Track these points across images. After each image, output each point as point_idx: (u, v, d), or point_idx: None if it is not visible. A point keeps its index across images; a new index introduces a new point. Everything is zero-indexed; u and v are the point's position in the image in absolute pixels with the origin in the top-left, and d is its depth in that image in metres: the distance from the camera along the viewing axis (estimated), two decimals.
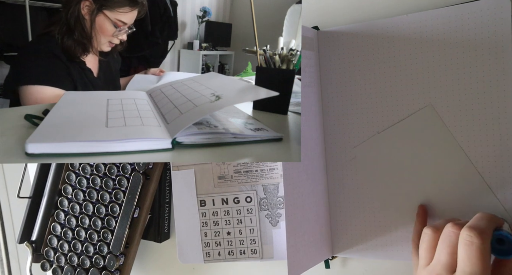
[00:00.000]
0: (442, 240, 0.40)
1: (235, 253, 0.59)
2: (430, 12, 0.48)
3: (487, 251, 0.37)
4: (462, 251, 0.37)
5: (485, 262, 0.36)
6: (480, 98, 0.46)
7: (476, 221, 0.39)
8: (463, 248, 0.37)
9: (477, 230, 0.37)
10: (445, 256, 0.39)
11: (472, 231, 0.37)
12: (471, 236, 0.37)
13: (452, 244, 0.39)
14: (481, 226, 0.38)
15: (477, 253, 0.36)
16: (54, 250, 0.68)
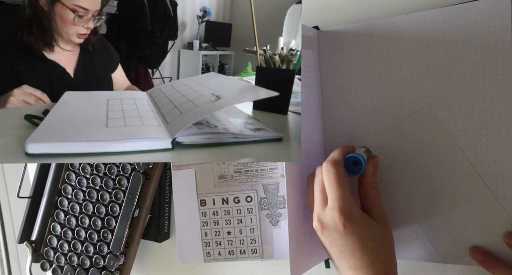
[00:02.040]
0: (315, 182, 0.46)
1: (235, 252, 0.59)
2: (430, 12, 0.48)
3: (342, 174, 0.43)
4: (326, 182, 0.44)
5: (342, 184, 0.43)
6: (480, 97, 0.46)
7: (331, 155, 0.46)
8: (325, 179, 0.44)
9: (331, 160, 0.44)
10: (318, 194, 0.45)
11: (327, 162, 0.44)
12: (327, 166, 0.44)
13: (321, 181, 0.45)
14: (334, 156, 0.45)
15: (334, 178, 0.43)
16: (54, 250, 0.68)
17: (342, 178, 0.43)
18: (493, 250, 0.46)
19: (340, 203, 0.42)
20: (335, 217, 0.42)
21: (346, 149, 0.46)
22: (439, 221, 0.48)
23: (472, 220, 0.47)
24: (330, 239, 0.43)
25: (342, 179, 0.43)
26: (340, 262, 0.43)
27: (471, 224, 0.47)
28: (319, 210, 0.44)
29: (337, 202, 0.42)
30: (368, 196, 0.46)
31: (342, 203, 0.42)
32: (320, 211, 0.44)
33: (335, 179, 0.43)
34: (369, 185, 0.46)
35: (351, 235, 0.42)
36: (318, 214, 0.44)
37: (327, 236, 0.43)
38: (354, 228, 0.42)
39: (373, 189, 0.46)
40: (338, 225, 0.42)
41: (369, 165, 0.46)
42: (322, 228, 0.43)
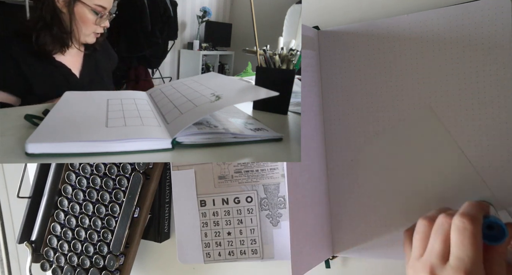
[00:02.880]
0: (436, 230, 0.41)
1: (235, 253, 0.59)
2: (430, 12, 0.48)
3: (479, 236, 0.38)
4: (455, 237, 0.38)
5: (477, 246, 0.37)
6: (480, 97, 0.46)
7: (468, 208, 0.40)
8: (456, 234, 0.38)
9: (469, 216, 0.38)
10: (438, 244, 0.39)
11: (465, 217, 0.38)
12: (464, 222, 0.38)
13: (445, 232, 0.39)
14: (472, 212, 0.39)
15: (469, 238, 0.37)
16: (54, 250, 0.68)
17: (478, 241, 0.37)
18: None
19: (468, 266, 0.37)
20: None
21: (484, 207, 0.41)
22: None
23: None
24: None
25: (478, 241, 0.37)
26: None
27: None
28: (436, 263, 0.39)
29: (464, 264, 0.37)
30: (494, 268, 0.39)
31: (471, 267, 0.37)
32: (436, 264, 0.39)
33: (470, 239, 0.37)
34: (500, 255, 0.40)
35: None
36: (432, 267, 0.39)
37: None
38: None
39: (502, 261, 0.40)
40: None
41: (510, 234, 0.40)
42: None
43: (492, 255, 0.40)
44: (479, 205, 0.41)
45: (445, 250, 0.39)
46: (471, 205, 0.41)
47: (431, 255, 0.40)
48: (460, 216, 0.38)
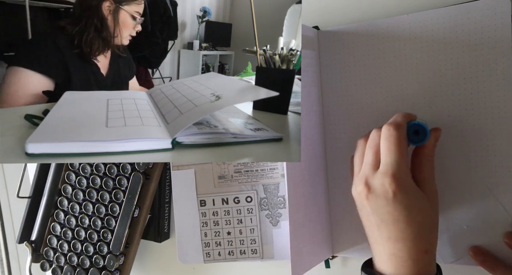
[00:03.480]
0: (368, 144, 0.43)
1: (235, 253, 0.59)
2: (430, 12, 0.48)
3: (403, 140, 0.41)
4: (383, 145, 0.41)
5: (401, 150, 0.40)
6: (480, 97, 0.46)
7: (393, 118, 0.43)
8: (383, 142, 0.41)
9: (394, 124, 0.41)
10: (370, 156, 0.42)
11: (390, 125, 0.41)
12: (389, 129, 0.41)
13: (376, 144, 0.42)
14: (397, 120, 0.42)
15: (394, 143, 0.40)
16: (53, 250, 0.68)
17: (402, 144, 0.40)
18: (493, 250, 0.46)
19: (395, 169, 0.40)
20: (385, 183, 0.40)
21: (409, 116, 0.43)
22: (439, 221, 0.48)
23: (472, 220, 0.47)
24: (374, 205, 0.41)
25: (402, 145, 0.40)
26: (378, 231, 0.41)
27: (471, 224, 0.47)
28: (368, 173, 0.42)
29: (391, 167, 0.40)
30: (422, 169, 0.43)
31: (397, 169, 0.39)
32: (369, 174, 0.41)
33: (395, 144, 0.40)
34: (426, 157, 0.43)
35: (399, 204, 0.39)
36: (366, 177, 0.42)
37: (372, 202, 0.41)
38: (403, 197, 0.39)
39: (429, 163, 0.43)
40: (387, 192, 0.40)
41: (432, 136, 0.43)
42: (368, 192, 0.41)
43: (420, 159, 0.43)
44: (405, 114, 0.43)
45: (376, 160, 0.42)
46: (397, 115, 0.43)
47: (365, 168, 0.43)
48: (386, 125, 0.41)
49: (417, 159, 0.43)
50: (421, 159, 0.43)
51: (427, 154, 0.43)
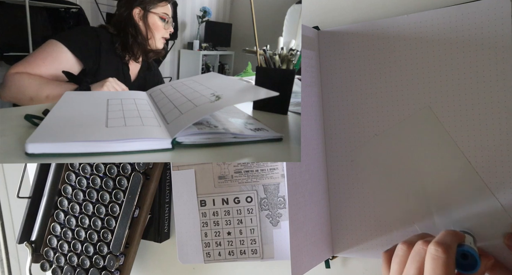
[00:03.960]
0: (412, 256, 0.41)
1: (235, 253, 0.59)
2: (430, 12, 0.48)
3: (452, 265, 0.38)
4: (428, 265, 0.39)
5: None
6: (480, 98, 0.46)
7: (442, 237, 0.41)
8: (429, 262, 0.39)
9: (443, 245, 0.39)
10: (413, 270, 0.40)
11: (439, 246, 0.39)
12: (437, 251, 0.39)
13: (421, 259, 0.40)
14: (447, 241, 0.40)
15: (442, 266, 0.38)
16: (53, 250, 0.68)
17: (451, 269, 0.38)
18: (492, 251, 0.46)
19: None
20: None
21: (458, 237, 0.42)
22: (439, 221, 0.48)
23: (472, 220, 0.47)
24: None
25: (450, 271, 0.38)
26: None
27: (471, 225, 0.47)
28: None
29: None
30: None
31: None
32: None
33: (442, 268, 0.38)
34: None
35: None
36: None
37: None
38: None
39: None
40: None
41: (482, 265, 0.41)
42: None
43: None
44: (455, 234, 0.41)
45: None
46: (447, 233, 0.41)
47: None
48: (434, 245, 0.39)
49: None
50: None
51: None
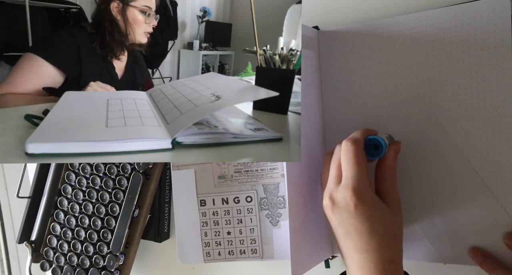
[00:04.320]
0: (332, 159, 0.45)
1: (235, 252, 0.59)
2: (430, 12, 0.48)
3: (361, 153, 0.42)
4: (343, 160, 0.43)
5: (360, 164, 0.42)
6: (480, 98, 0.46)
7: (352, 134, 0.45)
8: (343, 157, 0.43)
9: (351, 139, 0.43)
10: (333, 171, 0.44)
11: (348, 140, 0.43)
12: (347, 145, 0.43)
13: (338, 158, 0.44)
14: (355, 135, 0.44)
15: (352, 157, 0.42)
16: (53, 250, 0.68)
17: (360, 158, 0.42)
18: (492, 251, 0.46)
19: (354, 182, 0.41)
20: (347, 196, 0.41)
21: (368, 131, 0.45)
22: (439, 221, 0.48)
23: (472, 220, 0.47)
24: (339, 217, 0.42)
25: (360, 159, 0.42)
26: (345, 243, 0.42)
27: (471, 225, 0.47)
28: (332, 187, 0.43)
29: (351, 180, 0.41)
30: (384, 181, 0.45)
31: (356, 182, 0.41)
32: (332, 188, 0.43)
33: (353, 158, 0.42)
34: (387, 169, 0.45)
35: (361, 216, 0.41)
36: (330, 191, 0.43)
37: (337, 215, 0.42)
38: (365, 209, 0.41)
39: (390, 175, 0.45)
40: (349, 204, 0.41)
41: (391, 149, 0.45)
42: (332, 205, 0.43)
43: (382, 172, 0.45)
44: (364, 130, 0.45)
45: (339, 174, 0.44)
46: (357, 131, 0.45)
47: (330, 182, 0.44)
48: (344, 141, 0.43)
49: (379, 171, 0.45)
50: (383, 172, 0.45)
51: (388, 167, 0.45)
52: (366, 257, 0.41)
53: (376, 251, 0.41)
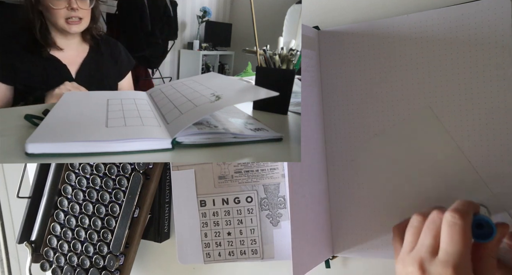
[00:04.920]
0: (427, 225, 0.41)
1: (235, 253, 0.59)
2: (430, 12, 0.48)
3: (469, 231, 0.39)
4: (445, 232, 0.39)
5: (466, 241, 0.38)
6: (480, 98, 0.46)
7: (459, 205, 0.41)
8: (446, 229, 0.39)
9: (460, 212, 0.39)
10: (429, 239, 0.40)
11: (456, 212, 0.39)
12: (454, 217, 0.39)
13: (437, 227, 0.40)
14: (463, 209, 0.40)
15: (459, 233, 0.38)
16: (53, 250, 0.68)
17: (467, 236, 0.38)
18: None
19: (456, 261, 0.37)
20: (444, 273, 0.37)
21: (474, 206, 0.41)
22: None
23: None
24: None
25: (467, 237, 0.38)
26: None
27: None
28: (425, 257, 0.39)
29: (453, 258, 0.37)
30: (482, 265, 0.40)
31: (459, 262, 0.37)
32: (426, 258, 0.39)
33: (460, 234, 0.38)
34: (489, 253, 0.40)
35: None
36: (422, 260, 0.39)
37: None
38: None
39: (491, 259, 0.41)
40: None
41: (499, 233, 0.41)
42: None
43: (482, 253, 0.41)
44: (470, 203, 0.41)
45: (435, 245, 0.40)
46: (463, 202, 0.41)
47: (421, 249, 0.40)
48: (451, 211, 0.39)
49: (478, 253, 0.41)
50: (482, 254, 0.41)
51: (490, 250, 0.41)
52: None
53: None
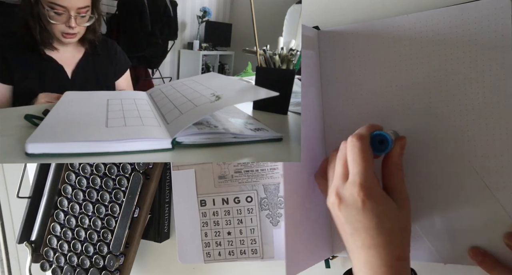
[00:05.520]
0: (338, 156, 0.45)
1: (235, 253, 0.59)
2: (430, 12, 0.48)
3: (367, 150, 0.42)
4: (349, 156, 0.43)
5: (367, 160, 0.42)
6: (480, 98, 0.46)
7: (357, 130, 0.45)
8: (349, 153, 0.43)
9: (356, 135, 0.43)
10: (339, 168, 0.44)
11: (353, 136, 0.43)
12: (353, 141, 0.43)
13: (344, 155, 0.44)
14: (361, 131, 0.44)
15: (358, 153, 0.42)
16: (53, 250, 0.68)
17: (367, 154, 0.42)
18: (492, 251, 0.46)
19: (361, 178, 0.41)
20: (354, 192, 0.41)
21: (373, 126, 0.45)
22: (439, 221, 0.48)
23: (472, 220, 0.47)
24: (346, 214, 0.42)
25: (367, 155, 0.42)
26: (353, 240, 0.42)
27: (471, 224, 0.47)
28: (339, 184, 0.43)
29: (358, 177, 0.41)
30: (391, 177, 0.44)
31: (363, 178, 0.41)
32: (339, 185, 0.43)
33: (359, 154, 0.42)
34: (394, 166, 0.44)
35: (369, 213, 0.40)
36: (337, 188, 0.43)
37: (344, 211, 0.42)
38: (372, 205, 0.40)
39: (397, 171, 0.44)
40: (357, 201, 0.41)
41: (397, 145, 0.44)
42: (339, 202, 0.42)
43: (389, 168, 0.44)
44: (369, 126, 0.45)
45: (345, 171, 0.43)
46: (362, 127, 0.45)
47: (336, 179, 0.44)
48: (350, 137, 0.43)
49: (386, 168, 0.45)
50: (389, 168, 0.44)
51: (395, 162, 0.44)
52: (374, 253, 0.40)
53: (383, 247, 0.40)
